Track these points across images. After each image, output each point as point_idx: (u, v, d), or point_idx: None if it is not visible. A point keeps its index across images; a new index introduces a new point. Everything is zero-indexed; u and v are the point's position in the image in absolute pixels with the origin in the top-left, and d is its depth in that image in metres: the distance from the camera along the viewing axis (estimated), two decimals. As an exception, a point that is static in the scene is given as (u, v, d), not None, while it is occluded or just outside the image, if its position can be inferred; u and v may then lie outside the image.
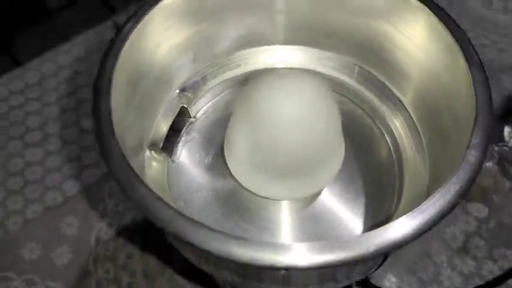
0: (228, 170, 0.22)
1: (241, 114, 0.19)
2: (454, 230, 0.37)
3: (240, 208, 0.22)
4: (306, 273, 0.17)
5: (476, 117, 0.16)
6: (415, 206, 0.16)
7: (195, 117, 0.25)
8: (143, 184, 0.17)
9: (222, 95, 0.24)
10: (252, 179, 0.21)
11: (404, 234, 0.15)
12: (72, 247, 0.37)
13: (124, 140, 0.18)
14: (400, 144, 0.22)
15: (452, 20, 0.20)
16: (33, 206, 0.39)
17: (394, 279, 0.35)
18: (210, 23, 0.21)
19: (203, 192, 0.22)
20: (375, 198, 0.22)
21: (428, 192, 0.19)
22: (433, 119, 0.20)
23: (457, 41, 0.19)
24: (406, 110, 0.22)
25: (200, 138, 0.24)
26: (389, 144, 0.23)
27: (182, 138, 0.24)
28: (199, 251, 0.16)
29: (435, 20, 0.19)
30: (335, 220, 0.21)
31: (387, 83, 0.23)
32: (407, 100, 0.22)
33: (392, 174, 0.22)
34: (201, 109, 0.25)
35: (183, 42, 0.21)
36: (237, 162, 0.21)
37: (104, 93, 0.18)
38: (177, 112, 0.23)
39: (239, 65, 0.23)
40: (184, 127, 0.24)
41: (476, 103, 0.17)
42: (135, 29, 0.18)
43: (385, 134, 0.23)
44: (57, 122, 0.44)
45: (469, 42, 0.19)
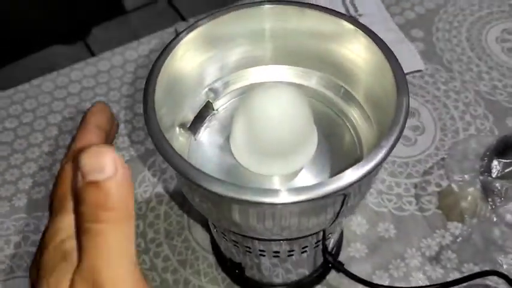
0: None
1: (241, 113, 0.28)
2: (430, 242, 0.42)
3: (238, 179, 0.30)
4: (287, 208, 0.24)
5: (397, 98, 0.25)
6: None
7: (217, 110, 0.33)
8: (172, 148, 0.25)
9: (236, 98, 0.33)
10: (247, 159, 0.29)
11: (349, 182, 0.22)
12: (113, 203, 0.46)
13: (162, 121, 0.27)
14: (357, 127, 0.31)
15: (379, 38, 0.28)
16: (89, 167, 0.48)
17: (367, 272, 0.40)
18: (219, 49, 0.31)
19: (212, 164, 0.30)
20: (342, 167, 0.28)
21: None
22: (376, 104, 0.29)
23: (383, 53, 0.27)
24: (359, 103, 0.30)
25: (218, 125, 0.32)
26: (350, 128, 0.31)
27: (205, 124, 0.32)
28: (208, 194, 0.23)
29: (366, 40, 0.28)
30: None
31: (344, 85, 0.31)
32: (359, 96, 0.30)
33: (355, 148, 0.30)
34: (222, 105, 0.33)
35: (203, 62, 0.31)
36: (237, 147, 0.29)
37: (151, 91, 0.26)
38: (202, 105, 0.32)
39: (242, 79, 0.33)
40: (208, 116, 0.33)
41: (398, 87, 0.26)
42: (171, 51, 0.28)
43: (346, 122, 0.31)
44: (117, 104, 0.54)
45: (391, 52, 0.27)
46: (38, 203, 0.46)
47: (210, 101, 0.32)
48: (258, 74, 0.32)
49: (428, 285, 0.39)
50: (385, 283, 0.40)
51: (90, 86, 0.55)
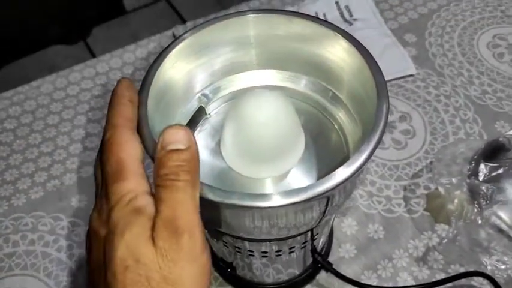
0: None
1: (230, 120, 0.29)
2: (417, 243, 0.43)
3: (228, 183, 0.31)
4: (275, 211, 0.25)
5: (377, 96, 0.26)
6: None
7: (210, 114, 0.34)
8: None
9: (227, 103, 0.34)
10: (237, 164, 0.30)
11: (338, 181, 0.23)
12: (110, 203, 0.47)
13: (154, 127, 0.28)
14: (343, 126, 0.32)
15: (357, 42, 0.29)
16: (87, 168, 0.50)
17: (355, 272, 0.41)
18: (208, 57, 0.32)
19: (204, 167, 0.31)
20: (330, 166, 0.29)
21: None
22: (359, 106, 0.30)
23: (362, 55, 0.28)
24: (344, 103, 0.32)
25: (210, 129, 0.33)
26: (337, 129, 0.32)
27: (198, 128, 0.33)
28: (201, 200, 0.24)
29: (346, 43, 0.29)
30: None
31: (329, 86, 0.32)
32: (343, 96, 0.32)
33: (341, 148, 0.31)
34: (214, 110, 0.34)
35: (193, 69, 0.32)
36: (227, 152, 0.30)
37: (144, 100, 0.28)
38: (194, 110, 0.33)
39: (232, 84, 0.34)
40: (201, 120, 0.34)
41: (377, 90, 0.27)
42: (162, 62, 0.29)
43: (333, 123, 0.32)
44: (115, 106, 0.55)
45: (370, 55, 0.28)
46: (36, 203, 0.47)
47: (203, 105, 0.34)
48: (247, 79, 0.34)
49: (414, 285, 0.40)
50: (373, 283, 0.41)
51: (88, 88, 0.57)
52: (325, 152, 0.30)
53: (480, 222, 0.41)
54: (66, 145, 0.51)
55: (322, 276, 0.41)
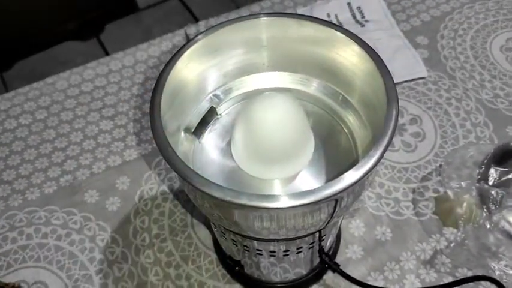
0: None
1: (240, 122, 0.29)
2: (425, 246, 0.43)
3: (237, 182, 0.31)
4: (283, 212, 0.25)
5: (387, 102, 0.27)
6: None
7: (221, 114, 0.34)
8: (176, 154, 0.26)
9: (238, 103, 0.34)
10: (247, 165, 0.31)
11: (347, 184, 0.24)
12: (121, 199, 0.48)
13: (167, 126, 0.28)
14: (352, 130, 0.32)
15: (368, 46, 0.29)
16: (99, 164, 0.50)
17: (362, 273, 0.42)
18: (220, 58, 0.32)
19: (214, 166, 0.32)
20: (339, 169, 0.30)
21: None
22: (369, 110, 0.30)
23: (373, 60, 0.28)
24: (354, 107, 0.32)
25: (221, 129, 0.34)
26: (346, 132, 0.32)
27: (208, 128, 0.34)
28: (208, 197, 0.24)
29: (357, 48, 0.29)
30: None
31: (341, 91, 0.33)
32: (353, 101, 0.32)
33: (351, 151, 0.31)
34: (225, 110, 0.34)
35: (205, 70, 0.32)
36: (237, 153, 0.31)
37: (157, 99, 0.28)
38: (206, 110, 0.33)
39: (244, 85, 0.34)
40: (212, 120, 0.34)
41: (387, 95, 0.27)
42: (176, 62, 0.29)
43: (343, 126, 0.33)
44: (127, 103, 0.55)
45: (381, 60, 0.29)
46: (49, 197, 0.48)
47: (214, 106, 0.34)
48: (258, 81, 0.34)
49: (421, 287, 0.40)
50: (380, 285, 0.41)
51: (102, 85, 0.57)
52: (334, 155, 0.31)
53: (489, 226, 0.41)
54: (79, 141, 0.52)
55: (329, 276, 0.42)
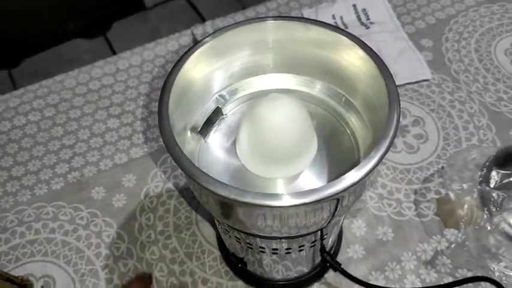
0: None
1: (246, 122, 0.30)
2: (426, 247, 0.44)
3: (242, 181, 0.32)
4: (286, 210, 0.26)
5: (389, 105, 0.27)
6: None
7: (226, 115, 0.35)
8: (182, 152, 0.27)
9: (244, 104, 0.35)
10: (252, 164, 0.31)
11: (347, 184, 0.24)
12: (127, 196, 0.49)
13: (174, 126, 0.29)
14: (355, 131, 0.33)
15: (372, 50, 0.30)
16: (106, 161, 0.51)
17: (363, 272, 0.42)
18: (226, 60, 0.33)
19: (219, 165, 0.33)
20: (341, 170, 0.31)
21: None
22: (372, 112, 0.31)
23: (376, 64, 0.29)
24: (357, 109, 0.33)
25: (226, 129, 0.35)
26: (349, 133, 0.33)
27: (214, 128, 0.35)
28: (213, 195, 0.25)
29: (361, 51, 0.30)
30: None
31: (342, 92, 0.33)
32: (356, 102, 0.33)
33: (353, 152, 0.32)
34: (231, 110, 0.35)
35: (212, 71, 0.33)
36: (242, 152, 0.31)
37: (165, 99, 0.29)
38: (212, 110, 0.34)
39: (249, 86, 0.35)
40: (218, 120, 0.35)
41: (389, 98, 0.28)
42: (184, 63, 0.30)
43: (345, 127, 0.33)
44: (134, 102, 0.56)
45: (384, 63, 0.29)
46: (57, 193, 0.49)
47: (220, 106, 0.35)
48: (264, 82, 0.35)
49: (421, 287, 0.41)
50: (380, 284, 0.42)
51: (109, 84, 0.58)
52: (336, 156, 0.31)
53: (489, 228, 0.42)
54: (87, 138, 0.53)
55: (331, 275, 0.42)
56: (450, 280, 0.42)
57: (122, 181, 0.50)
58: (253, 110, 0.29)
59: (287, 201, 0.24)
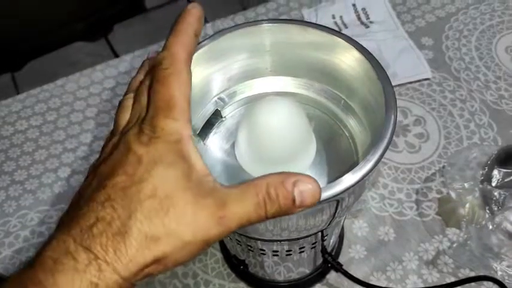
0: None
1: (244, 125, 0.30)
2: (428, 246, 0.44)
3: (240, 182, 0.32)
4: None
5: (386, 107, 0.27)
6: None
7: (225, 117, 0.35)
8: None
9: (242, 107, 0.35)
10: (250, 166, 0.32)
11: (344, 187, 0.24)
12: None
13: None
14: (353, 133, 0.33)
15: (369, 52, 0.30)
16: (108, 164, 0.52)
17: (365, 273, 0.42)
18: (225, 63, 0.33)
19: (218, 167, 0.33)
20: (340, 172, 0.30)
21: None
22: (369, 114, 0.31)
23: (373, 66, 0.29)
24: (354, 110, 0.33)
25: (225, 131, 0.35)
26: (347, 136, 0.33)
27: (213, 130, 0.35)
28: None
29: (358, 53, 0.30)
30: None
31: (340, 94, 0.33)
32: (354, 104, 0.33)
33: (351, 154, 0.32)
34: (230, 113, 0.35)
35: (210, 74, 0.33)
36: (241, 154, 0.32)
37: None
38: (211, 113, 0.34)
39: (248, 89, 0.35)
40: (217, 123, 0.35)
41: (386, 101, 0.28)
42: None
43: (344, 130, 0.33)
44: (135, 105, 0.56)
45: (380, 65, 0.29)
46: (60, 196, 0.49)
47: (219, 109, 0.35)
48: (262, 85, 0.35)
49: (423, 287, 0.41)
50: (382, 285, 0.42)
51: (111, 87, 0.59)
52: (335, 158, 0.31)
53: (491, 227, 0.42)
54: (89, 142, 0.53)
55: (332, 276, 0.42)
56: (452, 280, 0.41)
57: (124, 184, 0.50)
58: (251, 113, 0.29)
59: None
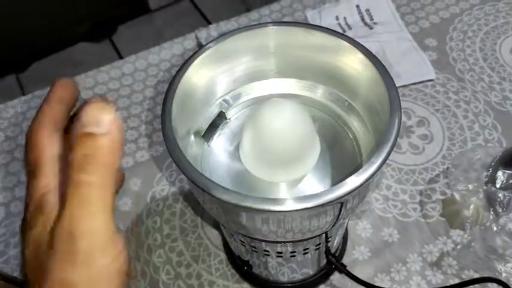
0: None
1: (249, 127, 0.30)
2: (432, 248, 0.44)
3: (245, 185, 0.32)
4: (288, 215, 0.26)
5: (390, 110, 0.27)
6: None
7: (229, 119, 0.35)
8: (184, 157, 0.27)
9: (247, 108, 0.36)
10: (255, 167, 0.32)
11: (348, 190, 0.24)
12: (133, 200, 0.49)
13: (177, 130, 0.29)
14: (357, 135, 0.33)
15: (373, 55, 0.30)
16: (112, 165, 0.52)
17: (369, 274, 0.42)
18: (229, 65, 0.34)
19: (222, 169, 0.33)
20: (343, 174, 0.31)
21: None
22: (372, 114, 0.31)
23: (377, 68, 0.29)
24: (358, 112, 0.33)
25: (230, 133, 0.35)
26: (351, 138, 0.33)
27: (217, 132, 0.35)
28: (218, 202, 0.25)
29: (362, 56, 0.30)
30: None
31: (345, 96, 0.33)
32: (358, 107, 0.33)
33: (355, 156, 0.32)
34: (234, 115, 0.35)
35: (215, 76, 0.33)
36: (245, 156, 0.32)
37: (168, 105, 0.29)
38: (215, 115, 0.34)
39: (252, 91, 0.35)
40: (221, 125, 0.35)
41: (390, 103, 0.28)
42: (187, 69, 0.30)
43: (348, 132, 0.33)
44: (139, 105, 0.57)
45: (385, 68, 0.29)
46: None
47: (223, 110, 0.35)
48: (266, 87, 0.35)
49: (427, 289, 0.41)
50: (386, 286, 0.42)
51: (115, 88, 0.59)
52: (339, 160, 0.32)
53: (496, 229, 0.42)
54: (93, 143, 0.54)
55: (336, 277, 0.42)
56: (456, 281, 0.41)
57: (128, 184, 0.50)
58: (256, 115, 0.29)
59: (288, 205, 0.24)
